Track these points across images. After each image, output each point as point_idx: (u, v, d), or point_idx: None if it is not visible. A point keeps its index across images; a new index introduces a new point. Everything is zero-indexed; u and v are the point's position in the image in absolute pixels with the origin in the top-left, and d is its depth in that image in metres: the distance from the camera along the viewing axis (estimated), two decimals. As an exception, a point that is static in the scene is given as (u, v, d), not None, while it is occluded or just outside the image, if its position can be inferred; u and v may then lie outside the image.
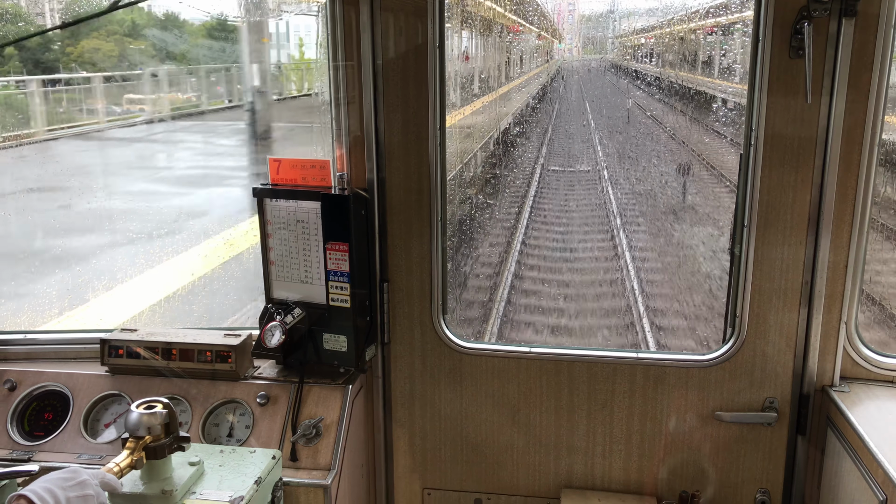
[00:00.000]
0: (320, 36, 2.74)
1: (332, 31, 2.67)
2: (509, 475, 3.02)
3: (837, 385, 2.72)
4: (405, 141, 2.76)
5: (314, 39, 2.84)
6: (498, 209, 12.61)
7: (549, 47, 28.91)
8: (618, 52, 28.09)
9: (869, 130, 2.49)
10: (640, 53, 24.92)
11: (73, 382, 2.78)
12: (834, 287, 2.64)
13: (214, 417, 2.69)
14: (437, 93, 2.72)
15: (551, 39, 28.77)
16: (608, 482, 2.96)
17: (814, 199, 2.58)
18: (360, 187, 2.78)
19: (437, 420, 3.01)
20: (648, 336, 8.02)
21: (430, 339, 2.93)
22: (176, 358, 2.76)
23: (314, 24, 3.33)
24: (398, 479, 3.10)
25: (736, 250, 2.71)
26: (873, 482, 2.32)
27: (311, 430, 2.59)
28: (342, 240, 2.65)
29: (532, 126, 20.83)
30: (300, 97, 16.26)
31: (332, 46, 2.68)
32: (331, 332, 2.74)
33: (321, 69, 2.76)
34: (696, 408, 2.83)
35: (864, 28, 2.41)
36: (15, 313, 5.79)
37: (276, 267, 2.77)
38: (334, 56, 2.69)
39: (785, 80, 2.50)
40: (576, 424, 2.92)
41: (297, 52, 15.66)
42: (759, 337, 2.72)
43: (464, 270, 9.80)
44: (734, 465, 2.86)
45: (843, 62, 2.44)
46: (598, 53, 29.47)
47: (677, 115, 19.80)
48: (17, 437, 2.68)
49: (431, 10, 2.63)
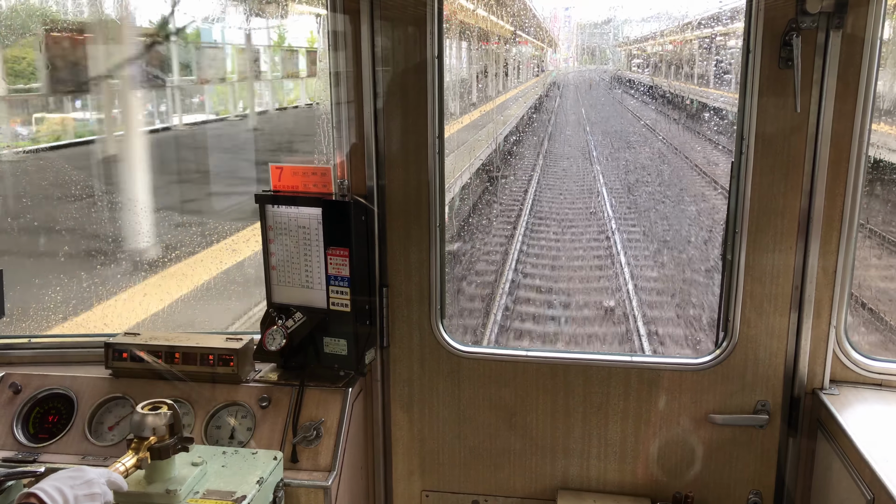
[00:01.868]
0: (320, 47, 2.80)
1: (332, 41, 2.73)
2: (506, 477, 3.06)
3: (827, 388, 2.78)
4: (404, 149, 2.82)
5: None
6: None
7: (542, 57, 25.08)
8: (624, 62, 24.00)
9: (856, 138, 2.56)
10: (659, 63, 20.20)
11: (77, 385, 2.82)
12: (823, 292, 2.70)
13: (216, 420, 2.74)
14: (436, 101, 2.77)
15: (544, 47, 24.72)
16: (603, 484, 3.00)
17: (803, 205, 2.64)
18: (361, 194, 2.83)
19: (436, 423, 3.06)
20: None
21: (428, 342, 2.98)
22: (179, 361, 2.80)
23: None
24: (397, 480, 3.14)
25: (728, 256, 2.77)
26: (861, 482, 2.37)
27: (311, 432, 2.64)
28: (343, 245, 2.70)
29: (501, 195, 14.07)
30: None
31: (333, 56, 2.74)
32: (331, 336, 2.79)
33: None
34: (690, 410, 2.88)
35: (851, 40, 2.47)
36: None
37: (278, 272, 2.82)
38: (335, 65, 2.75)
39: (775, 90, 2.57)
40: (571, 427, 2.97)
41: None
42: (751, 341, 2.78)
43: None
44: (727, 467, 2.90)
45: (831, 72, 2.50)
46: (600, 63, 25.90)
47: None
48: (23, 439, 2.72)
49: (430, 20, 2.70)
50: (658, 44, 20.39)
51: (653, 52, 21.51)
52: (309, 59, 15.28)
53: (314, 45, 13.53)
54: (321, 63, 2.82)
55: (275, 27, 14.77)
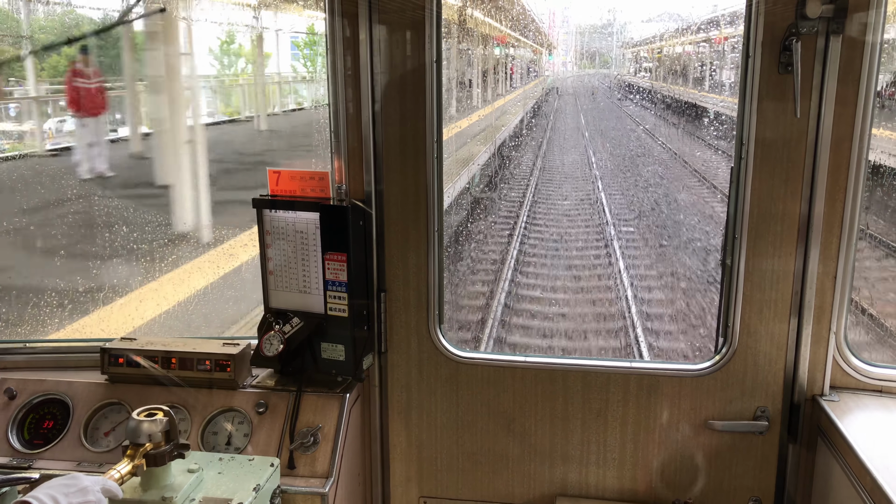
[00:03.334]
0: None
1: (331, 46, 2.72)
2: (505, 483, 3.04)
3: (827, 394, 2.77)
4: (403, 153, 2.81)
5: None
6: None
7: (537, 61, 20.61)
8: (628, 66, 18.43)
9: (857, 143, 2.55)
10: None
11: (73, 391, 2.80)
12: (823, 298, 2.69)
13: (213, 426, 2.72)
14: (435, 106, 2.77)
15: (538, 48, 20.83)
16: (602, 490, 2.99)
17: (803, 211, 2.63)
18: (359, 199, 2.82)
19: (434, 428, 3.04)
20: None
21: (426, 348, 2.96)
22: (175, 367, 2.79)
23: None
24: (395, 486, 3.13)
25: (727, 262, 2.76)
26: (862, 490, 2.36)
27: (308, 439, 2.62)
28: (341, 250, 2.69)
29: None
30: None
31: (332, 60, 2.73)
32: (329, 342, 2.78)
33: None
34: (689, 416, 2.86)
35: (851, 45, 2.47)
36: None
37: (275, 277, 2.81)
38: (333, 69, 2.74)
39: (774, 95, 2.56)
40: (570, 433, 2.96)
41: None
42: (751, 347, 2.77)
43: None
44: (726, 474, 2.89)
45: (831, 78, 2.50)
46: (600, 67, 22.57)
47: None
48: (17, 444, 2.70)
49: (429, 25, 2.69)
50: (678, 44, 15.75)
51: (667, 53, 16.52)
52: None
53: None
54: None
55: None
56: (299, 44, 21.43)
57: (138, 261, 7.89)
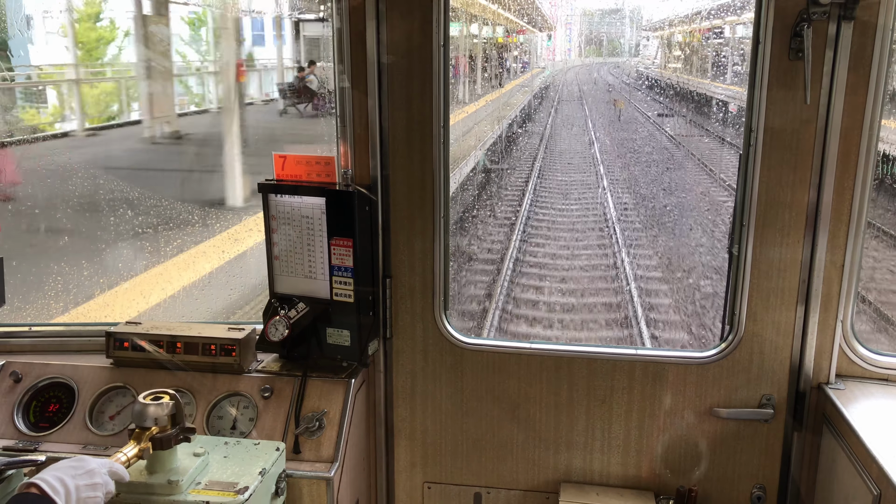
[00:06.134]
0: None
1: (338, 31, 2.70)
2: (509, 469, 3.05)
3: (833, 383, 2.76)
4: (409, 138, 2.79)
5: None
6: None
7: (531, 50, 17.65)
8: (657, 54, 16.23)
9: (866, 132, 2.53)
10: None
11: (78, 375, 2.80)
12: (830, 286, 2.68)
13: (218, 410, 2.72)
14: (441, 91, 2.75)
15: (533, 31, 16.70)
16: (606, 477, 2.99)
17: (811, 199, 2.62)
18: (364, 184, 2.81)
19: (438, 414, 3.05)
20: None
21: (431, 334, 2.96)
22: (180, 351, 2.79)
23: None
24: (399, 472, 3.13)
25: (734, 250, 2.75)
26: (868, 477, 2.36)
27: (314, 423, 2.63)
28: (346, 236, 2.68)
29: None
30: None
31: (338, 45, 2.71)
32: (334, 327, 2.77)
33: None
34: (694, 404, 2.86)
35: (863, 31, 2.44)
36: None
37: (281, 262, 2.80)
38: (340, 55, 2.72)
39: (784, 82, 2.54)
40: (575, 420, 2.96)
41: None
42: (757, 335, 2.76)
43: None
44: (731, 461, 2.89)
45: (842, 64, 2.47)
46: (608, 55, 18.74)
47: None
48: (23, 427, 2.71)
49: (437, 8, 2.66)
50: (726, 23, 12.27)
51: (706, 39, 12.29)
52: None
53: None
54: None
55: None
56: (192, 22, 16.64)
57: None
